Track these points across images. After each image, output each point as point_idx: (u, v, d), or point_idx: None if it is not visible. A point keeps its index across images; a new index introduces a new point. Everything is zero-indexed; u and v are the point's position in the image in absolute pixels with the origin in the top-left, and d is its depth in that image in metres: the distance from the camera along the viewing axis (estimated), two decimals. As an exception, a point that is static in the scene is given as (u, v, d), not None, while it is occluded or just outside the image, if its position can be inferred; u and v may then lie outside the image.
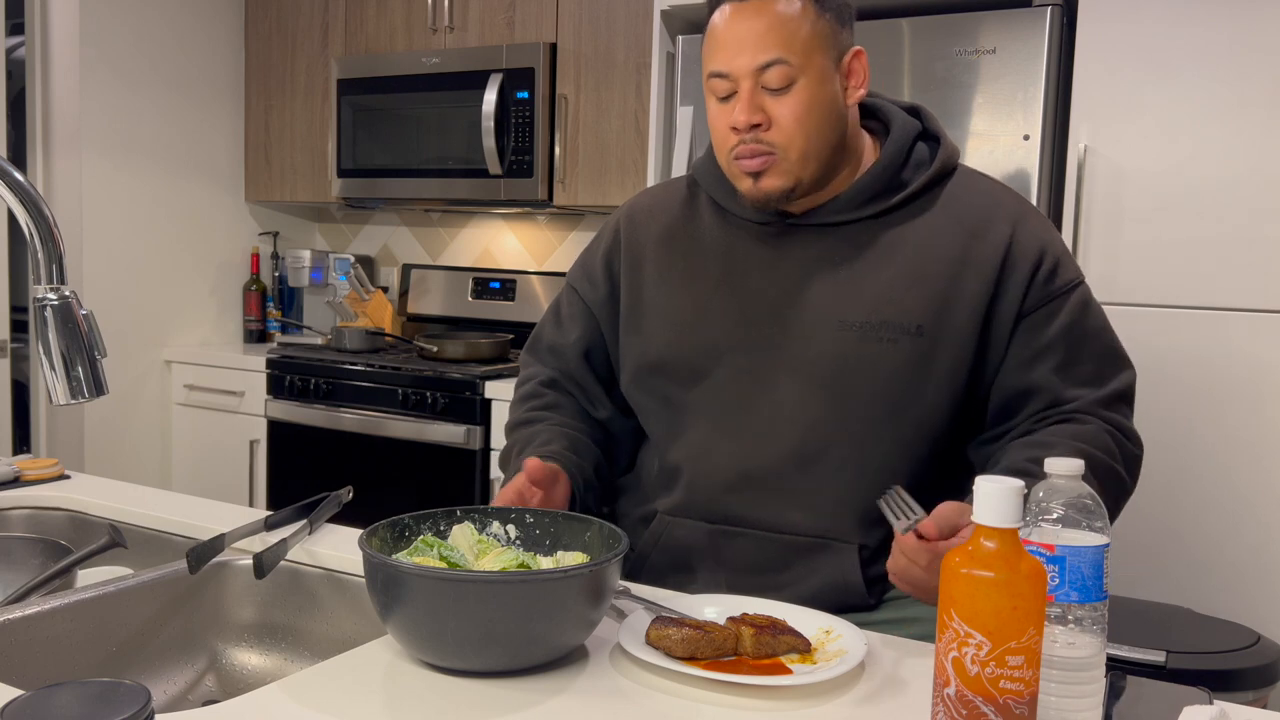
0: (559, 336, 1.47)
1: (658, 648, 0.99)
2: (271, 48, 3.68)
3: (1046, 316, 1.25)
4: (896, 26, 2.31)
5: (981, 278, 1.25)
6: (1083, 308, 1.27)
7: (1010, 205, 1.30)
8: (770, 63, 1.21)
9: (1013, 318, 1.25)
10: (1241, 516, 2.08)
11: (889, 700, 0.95)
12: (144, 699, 0.69)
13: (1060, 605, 0.86)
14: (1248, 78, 2.05)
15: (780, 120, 1.23)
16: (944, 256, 1.26)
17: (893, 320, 1.24)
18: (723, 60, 1.24)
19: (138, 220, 3.49)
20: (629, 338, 1.39)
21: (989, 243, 1.26)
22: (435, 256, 3.79)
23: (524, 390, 1.48)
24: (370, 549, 0.99)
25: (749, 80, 1.22)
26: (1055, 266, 1.27)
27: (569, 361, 1.45)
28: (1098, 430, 1.23)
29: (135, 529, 1.46)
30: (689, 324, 1.32)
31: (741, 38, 1.22)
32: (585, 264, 1.47)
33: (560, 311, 1.48)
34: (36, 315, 1.00)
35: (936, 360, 1.24)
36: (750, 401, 1.29)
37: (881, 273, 1.26)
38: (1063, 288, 1.26)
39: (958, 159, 1.34)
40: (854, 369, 1.25)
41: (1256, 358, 2.06)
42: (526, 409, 1.44)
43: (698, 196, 1.40)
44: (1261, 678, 1.81)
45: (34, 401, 3.41)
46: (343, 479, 3.13)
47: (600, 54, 3.03)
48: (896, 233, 1.28)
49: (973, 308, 1.25)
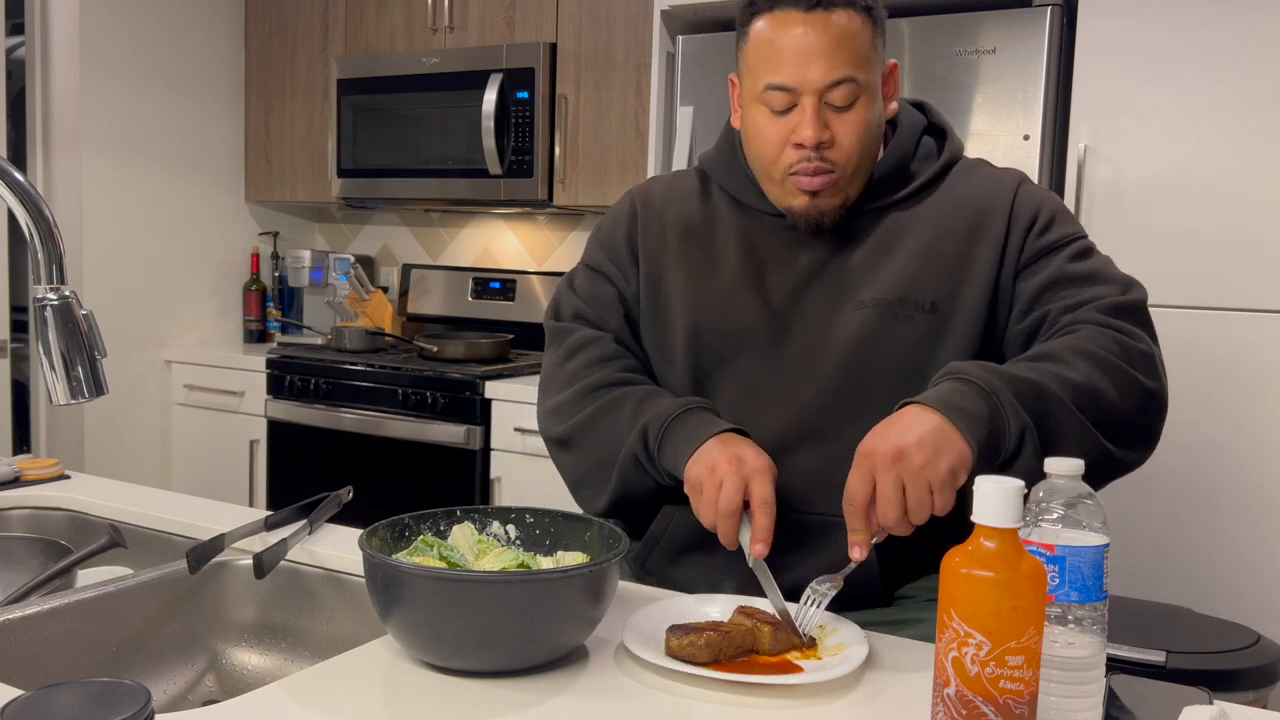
0: (599, 310, 1.38)
1: (681, 657, 0.98)
2: (271, 48, 3.68)
3: (1043, 266, 1.25)
4: (896, 26, 2.31)
5: (989, 248, 1.26)
6: (1078, 256, 1.25)
7: (1012, 176, 1.32)
8: (841, 80, 1.19)
9: (1013, 274, 1.26)
10: (1242, 516, 2.08)
11: (888, 701, 0.95)
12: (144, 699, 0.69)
13: (1060, 605, 0.86)
14: (1248, 77, 2.05)
15: (842, 139, 1.22)
16: (955, 234, 1.27)
17: (908, 298, 1.25)
18: (789, 74, 1.20)
19: (138, 220, 3.49)
20: (650, 328, 1.37)
21: (994, 214, 1.27)
22: (435, 256, 3.79)
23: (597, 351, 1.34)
24: (370, 549, 0.99)
25: (814, 96, 1.20)
26: (1050, 222, 1.27)
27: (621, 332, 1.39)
28: (1092, 332, 1.18)
29: (135, 529, 1.46)
30: (711, 314, 1.32)
31: (809, 50, 1.19)
32: (607, 246, 1.41)
33: (586, 291, 1.40)
34: (36, 315, 1.00)
35: (949, 334, 1.25)
36: (768, 385, 1.29)
37: (896, 255, 1.27)
38: (1058, 241, 1.26)
39: (963, 151, 1.35)
40: (869, 347, 1.25)
41: (1257, 357, 2.06)
42: (618, 368, 1.33)
43: (710, 189, 1.39)
44: (1261, 678, 1.81)
45: (34, 401, 3.41)
46: (343, 479, 3.13)
47: (600, 54, 3.03)
48: (909, 216, 1.29)
49: (983, 278, 1.25)
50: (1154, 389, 1.18)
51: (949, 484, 1.05)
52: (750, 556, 1.11)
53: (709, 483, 1.14)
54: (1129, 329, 1.20)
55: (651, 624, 1.06)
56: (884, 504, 1.05)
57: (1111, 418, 1.14)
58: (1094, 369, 1.14)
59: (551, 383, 1.38)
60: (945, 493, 1.05)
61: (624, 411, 1.27)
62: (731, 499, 1.11)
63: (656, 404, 1.26)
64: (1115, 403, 1.14)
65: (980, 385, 1.09)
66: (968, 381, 1.10)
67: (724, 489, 1.12)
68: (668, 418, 1.22)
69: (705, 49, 2.55)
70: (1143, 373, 1.17)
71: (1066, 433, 1.11)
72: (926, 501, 1.04)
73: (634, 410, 1.26)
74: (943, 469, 1.04)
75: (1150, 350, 1.20)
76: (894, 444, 1.05)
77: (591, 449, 1.30)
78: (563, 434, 1.33)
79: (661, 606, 1.11)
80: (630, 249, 1.39)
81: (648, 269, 1.37)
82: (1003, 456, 1.09)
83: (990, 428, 1.07)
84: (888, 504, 1.04)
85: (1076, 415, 1.11)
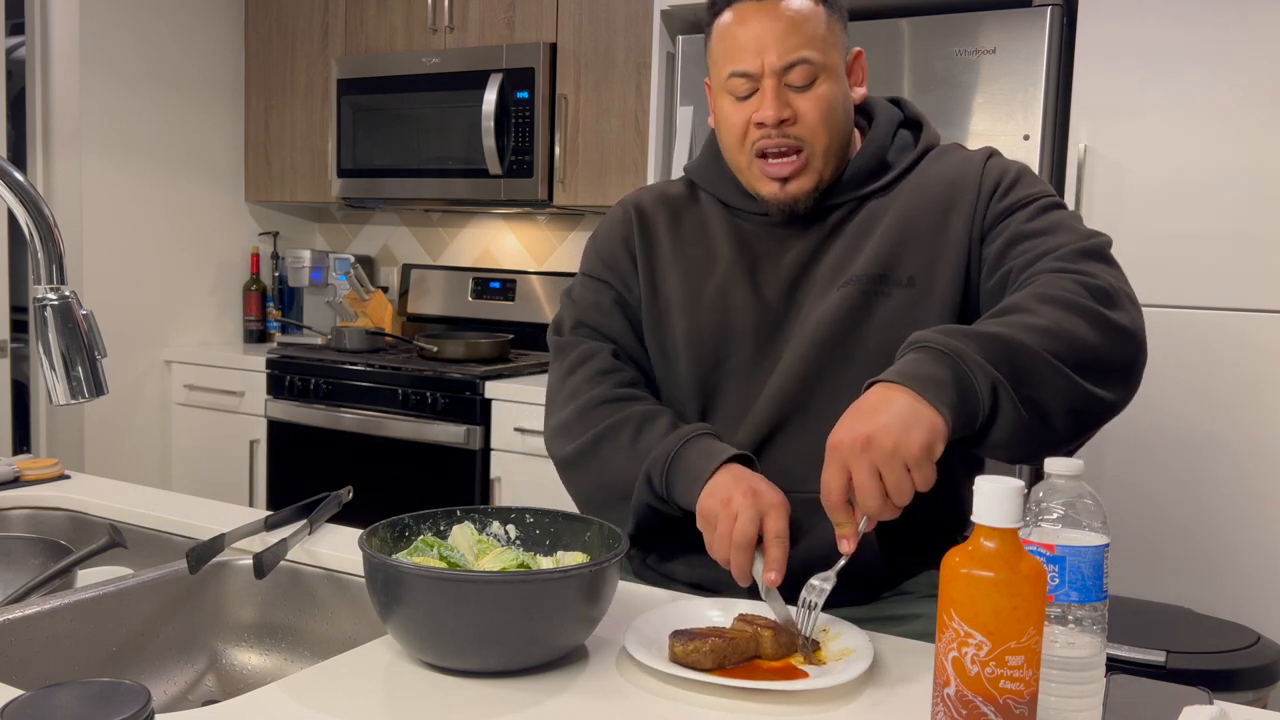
0: (600, 318, 1.39)
1: (686, 663, 0.98)
2: (271, 48, 3.68)
3: (1004, 229, 1.25)
4: (896, 26, 2.31)
5: (961, 219, 1.27)
6: (1040, 211, 1.24)
7: (983, 152, 1.33)
8: (796, 61, 1.24)
9: (980, 240, 1.27)
10: (1241, 516, 2.08)
11: (894, 706, 0.95)
12: (144, 699, 0.69)
13: (1060, 605, 0.86)
14: (1248, 76, 2.05)
15: (805, 115, 1.26)
16: (930, 209, 1.29)
17: (887, 274, 1.27)
18: (745, 60, 1.25)
19: (138, 220, 3.49)
20: (650, 332, 1.38)
21: (965, 187, 1.29)
22: (435, 256, 3.79)
23: (595, 365, 1.35)
24: (370, 549, 0.99)
25: (773, 79, 1.25)
26: (1013, 184, 1.27)
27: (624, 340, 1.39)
28: (1053, 278, 1.15)
29: (135, 529, 1.46)
30: (708, 314, 1.33)
31: (764, 36, 1.24)
32: (603, 255, 1.42)
33: (587, 300, 1.41)
34: (36, 315, 1.00)
35: (929, 307, 1.26)
36: (764, 373, 1.30)
37: (875, 236, 1.30)
38: (1019, 201, 1.26)
39: (939, 141, 1.37)
40: (851, 323, 1.26)
41: (1256, 357, 2.06)
42: (613, 384, 1.34)
43: (698, 196, 1.42)
44: (1261, 678, 1.81)
45: (34, 401, 3.41)
46: (343, 479, 3.13)
47: (600, 54, 3.03)
48: (887, 200, 1.32)
49: (956, 250, 1.27)
50: (1124, 323, 1.13)
51: (925, 460, 1.01)
52: (763, 586, 1.09)
53: (724, 515, 1.12)
54: (1091, 269, 1.16)
55: (653, 627, 1.06)
56: (862, 494, 1.01)
57: (1087, 359, 1.09)
58: (1059, 312, 1.10)
59: (555, 399, 1.38)
60: (923, 469, 1.01)
61: (623, 438, 1.28)
62: (747, 531, 1.10)
63: (653, 435, 1.26)
64: (1088, 342, 1.10)
65: (941, 349, 1.06)
66: (928, 349, 1.07)
67: (739, 522, 1.11)
68: (667, 458, 1.22)
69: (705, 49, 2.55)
70: (1110, 308, 1.13)
71: (1043, 380, 1.06)
72: (906, 482, 1.00)
73: (631, 440, 1.27)
74: (915, 446, 1.00)
75: (1115, 286, 1.15)
76: (861, 431, 1.01)
77: (595, 474, 1.31)
78: (566, 457, 1.34)
79: (663, 612, 1.10)
80: (629, 254, 1.40)
81: (646, 274, 1.39)
82: (981, 418, 1.05)
83: (958, 391, 1.03)
84: (866, 493, 1.01)
85: (1049, 360, 1.07)
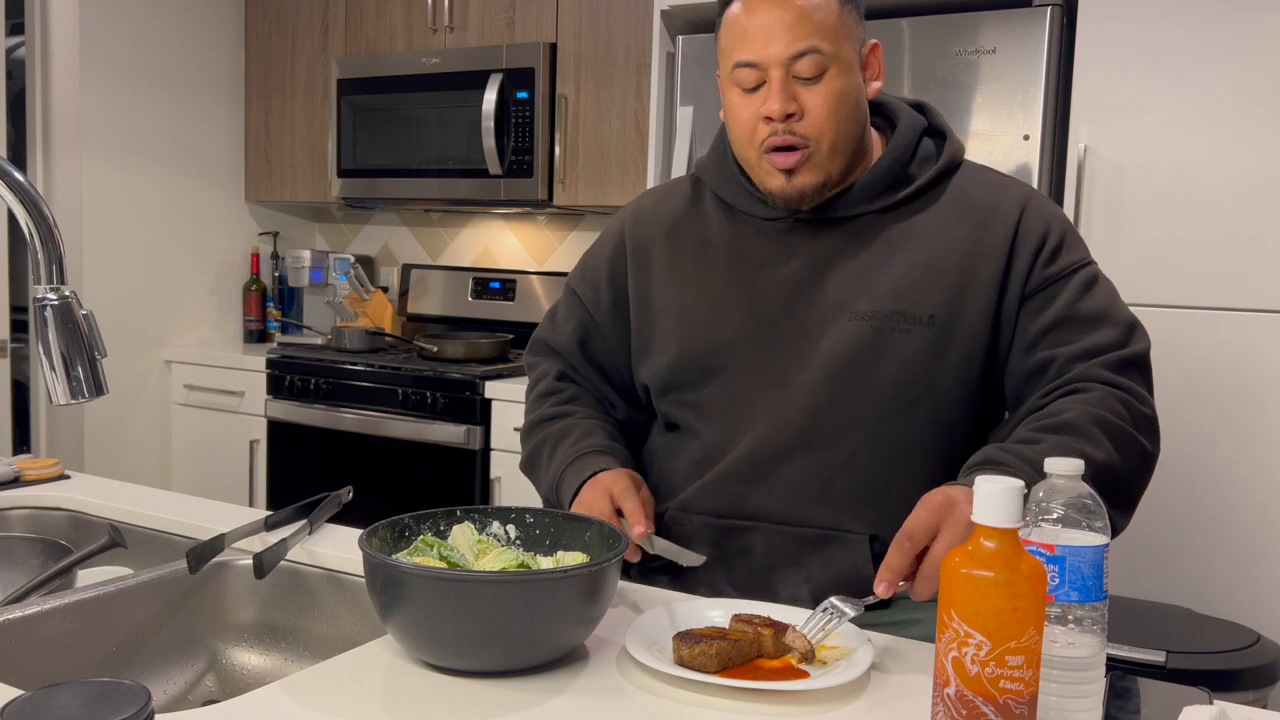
0: (555, 335, 1.47)
1: (693, 666, 0.98)
2: (271, 48, 3.68)
3: (1049, 299, 1.24)
4: (896, 26, 2.31)
5: (992, 264, 1.24)
6: (1085, 288, 1.25)
7: (1017, 190, 1.30)
8: (804, 51, 1.20)
9: (1018, 300, 1.25)
10: (1241, 516, 2.08)
11: (896, 705, 0.95)
12: (144, 699, 0.69)
13: (1060, 605, 0.86)
14: (1248, 77, 2.05)
15: (812, 110, 1.22)
16: (956, 246, 1.25)
17: (905, 310, 1.24)
18: (752, 50, 1.21)
19: (138, 220, 3.49)
20: (642, 356, 1.38)
21: (998, 229, 1.26)
22: (435, 256, 3.79)
23: (540, 388, 1.45)
24: (370, 549, 0.99)
25: (780, 69, 1.21)
26: (1059, 247, 1.26)
27: (570, 357, 1.45)
28: (1104, 395, 1.18)
29: (135, 529, 1.46)
30: (701, 322, 1.31)
31: (771, 26, 1.20)
32: (587, 268, 1.45)
33: (557, 314, 1.48)
34: (36, 315, 1.00)
35: (950, 349, 1.24)
36: (762, 395, 1.28)
37: (893, 264, 1.26)
38: (1066, 269, 1.25)
39: (963, 154, 1.34)
40: (866, 359, 1.24)
41: (1257, 358, 2.06)
42: (550, 404, 1.42)
43: (702, 195, 1.39)
44: (1261, 678, 1.81)
45: (34, 401, 3.41)
46: (343, 479, 3.13)
47: (600, 54, 3.03)
48: (906, 225, 1.28)
49: (985, 295, 1.24)
50: (1153, 453, 1.21)
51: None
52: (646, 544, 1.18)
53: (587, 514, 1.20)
54: (1135, 390, 1.21)
55: (653, 628, 1.06)
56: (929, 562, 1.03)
57: (1120, 489, 1.15)
58: (1111, 444, 1.14)
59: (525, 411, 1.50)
60: None
61: (542, 458, 1.39)
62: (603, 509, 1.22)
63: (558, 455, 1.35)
64: (1124, 474, 1.16)
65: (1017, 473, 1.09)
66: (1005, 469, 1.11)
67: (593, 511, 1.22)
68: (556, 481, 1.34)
69: (705, 49, 2.55)
70: (1146, 437, 1.20)
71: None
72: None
73: (547, 460, 1.37)
74: None
75: (1153, 414, 1.22)
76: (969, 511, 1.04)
77: (537, 485, 1.42)
78: (521, 465, 1.47)
79: (663, 612, 1.10)
80: (610, 269, 1.42)
81: (636, 285, 1.38)
82: None
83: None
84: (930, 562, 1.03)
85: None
